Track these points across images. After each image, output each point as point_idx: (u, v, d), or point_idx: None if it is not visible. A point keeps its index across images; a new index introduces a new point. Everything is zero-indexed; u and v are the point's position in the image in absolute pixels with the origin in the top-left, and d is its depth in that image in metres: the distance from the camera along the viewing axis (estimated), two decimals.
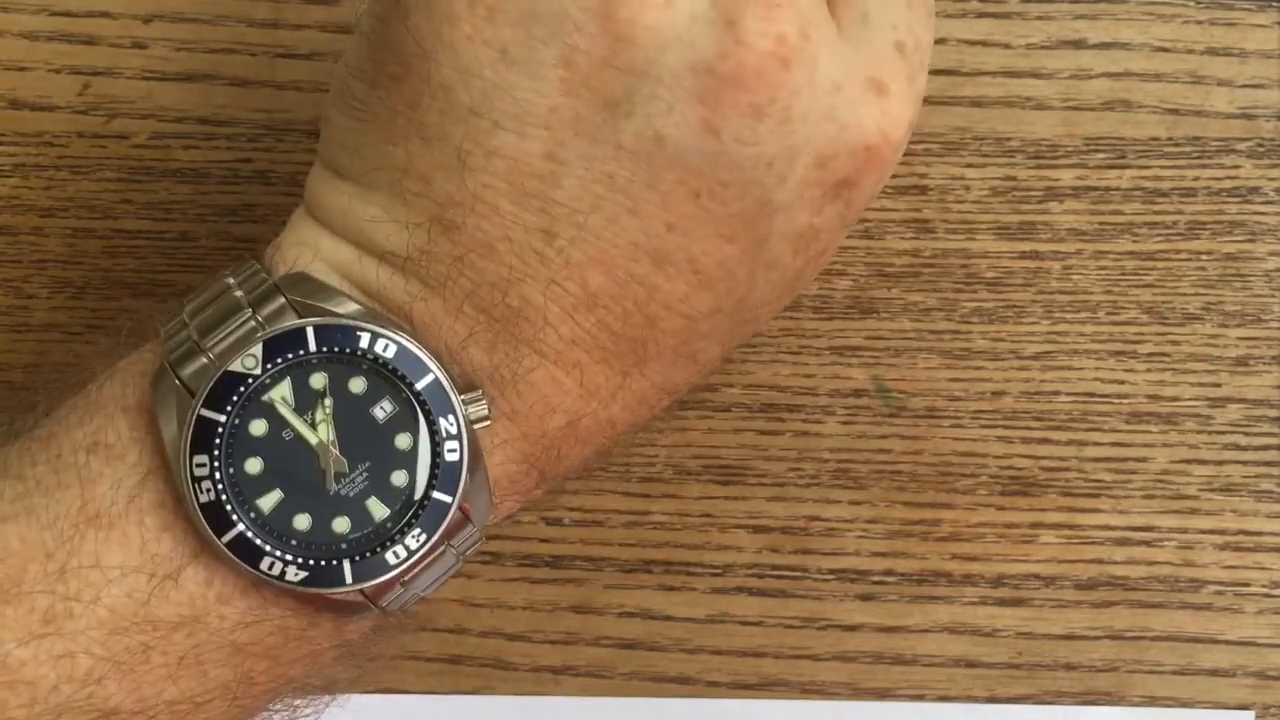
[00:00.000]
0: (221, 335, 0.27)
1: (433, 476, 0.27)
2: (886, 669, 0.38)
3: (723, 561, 0.38)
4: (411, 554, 0.27)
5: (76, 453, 0.27)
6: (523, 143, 0.27)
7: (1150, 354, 0.39)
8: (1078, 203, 0.39)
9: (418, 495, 0.27)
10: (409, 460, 0.28)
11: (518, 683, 0.38)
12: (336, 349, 0.27)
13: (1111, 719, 0.38)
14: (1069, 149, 0.39)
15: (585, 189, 0.27)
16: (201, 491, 0.27)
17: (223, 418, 0.27)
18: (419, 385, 0.27)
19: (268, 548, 0.27)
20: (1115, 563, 0.38)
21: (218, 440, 0.27)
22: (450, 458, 0.27)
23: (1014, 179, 0.39)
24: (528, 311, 0.28)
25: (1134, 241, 0.39)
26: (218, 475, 0.27)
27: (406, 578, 0.28)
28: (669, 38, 0.26)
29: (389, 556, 0.27)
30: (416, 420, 0.27)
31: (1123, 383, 0.39)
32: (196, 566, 0.27)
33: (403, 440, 0.28)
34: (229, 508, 0.27)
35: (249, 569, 0.27)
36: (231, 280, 0.28)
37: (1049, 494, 0.38)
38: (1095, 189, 0.39)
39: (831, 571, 0.38)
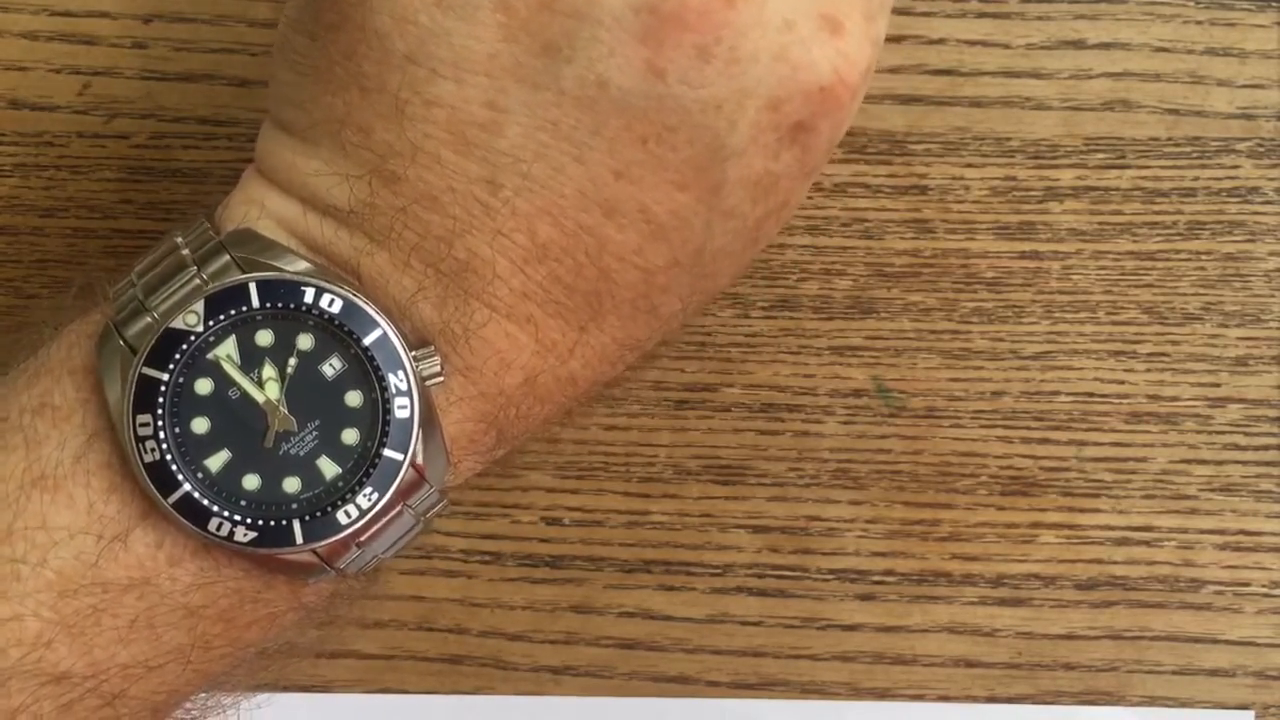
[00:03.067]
0: (166, 294, 0.27)
1: (383, 434, 0.27)
2: (886, 669, 0.38)
3: (723, 561, 0.38)
4: (364, 513, 0.27)
5: (24, 414, 0.27)
6: (462, 90, 0.26)
7: (1150, 354, 0.39)
8: (1077, 203, 0.39)
9: (369, 453, 0.27)
10: (360, 418, 0.27)
11: (517, 683, 0.38)
12: (281, 305, 0.27)
13: (1111, 719, 0.38)
14: (1069, 149, 0.39)
15: (529, 137, 0.26)
16: (146, 451, 0.26)
17: (165, 376, 0.26)
18: (366, 340, 0.27)
19: (215, 508, 0.26)
20: (1115, 563, 0.38)
21: (160, 399, 0.26)
22: (400, 415, 0.27)
23: (1014, 179, 0.39)
24: (475, 264, 0.27)
25: (1134, 241, 0.39)
26: (162, 435, 0.26)
27: (361, 538, 0.27)
28: None
29: (340, 516, 0.27)
30: (367, 377, 0.27)
31: (1122, 383, 0.39)
32: (145, 528, 0.27)
33: (352, 397, 0.27)
34: (174, 468, 0.26)
35: (196, 530, 0.26)
36: (180, 239, 0.28)
37: (1049, 494, 0.38)
38: (1095, 189, 0.39)
39: (831, 571, 0.38)
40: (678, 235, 0.27)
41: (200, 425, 0.27)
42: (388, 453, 0.27)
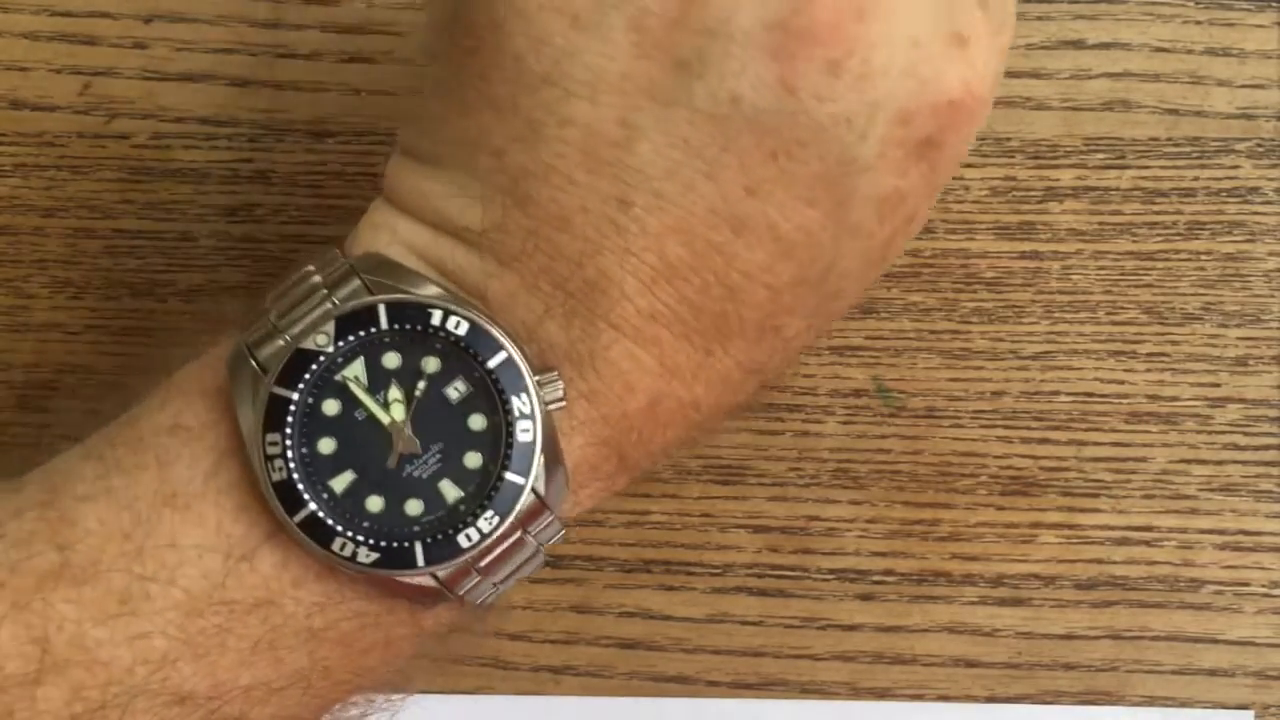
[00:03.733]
0: (297, 317, 0.27)
1: (505, 458, 0.27)
2: (886, 669, 0.38)
3: (723, 561, 0.38)
4: (484, 536, 0.27)
5: (157, 435, 0.27)
6: (596, 110, 0.26)
7: (1150, 354, 0.39)
8: (1077, 203, 0.39)
9: (492, 477, 0.27)
10: (483, 441, 0.27)
11: (517, 683, 0.38)
12: (408, 326, 0.27)
13: (1111, 719, 0.38)
14: (1069, 149, 0.39)
15: (660, 154, 0.26)
16: (274, 470, 0.26)
17: (295, 395, 0.26)
18: (491, 363, 0.27)
19: (339, 528, 0.26)
20: (1115, 562, 0.38)
21: (290, 419, 0.26)
22: (523, 438, 0.27)
23: (1014, 179, 0.39)
24: (604, 284, 0.27)
25: (1133, 241, 0.39)
26: (290, 454, 0.26)
27: (481, 563, 0.27)
28: None
29: (461, 539, 0.27)
30: (490, 400, 0.27)
31: (1122, 383, 0.39)
32: (271, 548, 0.27)
33: (476, 421, 0.27)
34: (300, 487, 0.26)
35: (320, 549, 0.26)
36: (311, 266, 0.28)
37: (1049, 494, 0.38)
38: (1095, 189, 0.39)
39: (831, 571, 0.38)
40: (805, 253, 0.27)
41: (327, 446, 0.27)
42: (509, 476, 0.27)
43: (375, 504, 0.27)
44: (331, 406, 0.27)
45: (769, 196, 0.26)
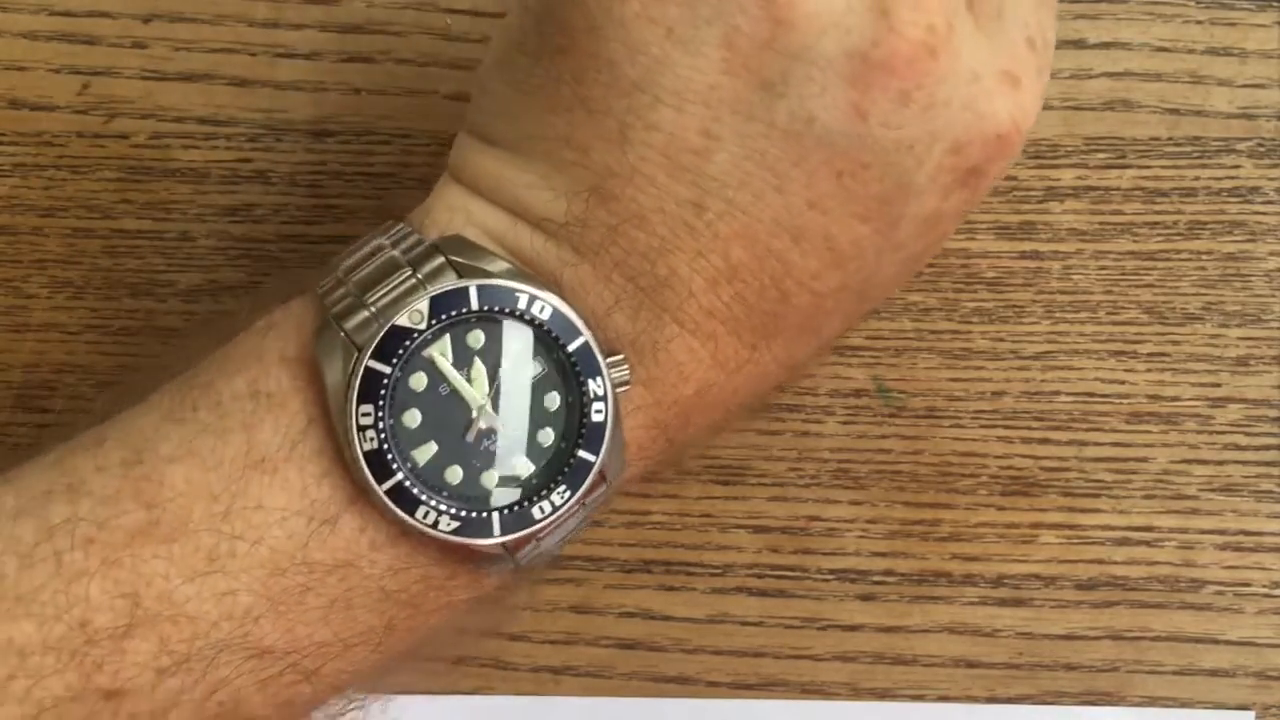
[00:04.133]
0: (383, 292, 0.28)
1: (579, 436, 0.28)
2: (887, 669, 0.38)
3: (723, 561, 0.38)
4: (556, 510, 0.28)
5: (238, 399, 0.28)
6: (681, 118, 0.28)
7: (1150, 354, 0.39)
8: (1078, 202, 0.39)
9: (564, 453, 0.28)
10: (557, 420, 0.29)
11: (518, 683, 0.38)
12: (496, 308, 0.28)
13: (1112, 719, 0.38)
14: (1069, 149, 0.39)
15: (736, 165, 0.28)
16: (365, 440, 0.27)
17: (388, 370, 0.28)
18: (570, 347, 0.28)
19: (424, 497, 0.28)
20: (1115, 563, 0.38)
21: (383, 391, 0.28)
22: (596, 419, 0.28)
23: (1014, 179, 0.39)
24: (673, 282, 0.29)
25: (1134, 241, 0.39)
26: (381, 425, 0.28)
27: (544, 533, 0.29)
28: (826, 24, 0.27)
29: (535, 511, 0.28)
30: (566, 381, 0.29)
31: (1123, 383, 0.39)
32: (352, 513, 0.28)
33: (551, 400, 0.29)
34: (390, 457, 0.28)
35: (405, 517, 0.28)
36: (384, 241, 0.29)
37: (1049, 494, 0.38)
38: (1095, 189, 0.39)
39: (831, 571, 0.38)
40: (853, 264, 0.29)
41: (412, 419, 0.28)
42: (581, 454, 0.28)
43: (454, 475, 0.28)
44: (419, 381, 0.28)
45: (829, 211, 0.28)
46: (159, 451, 0.28)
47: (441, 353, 0.28)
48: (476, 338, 0.28)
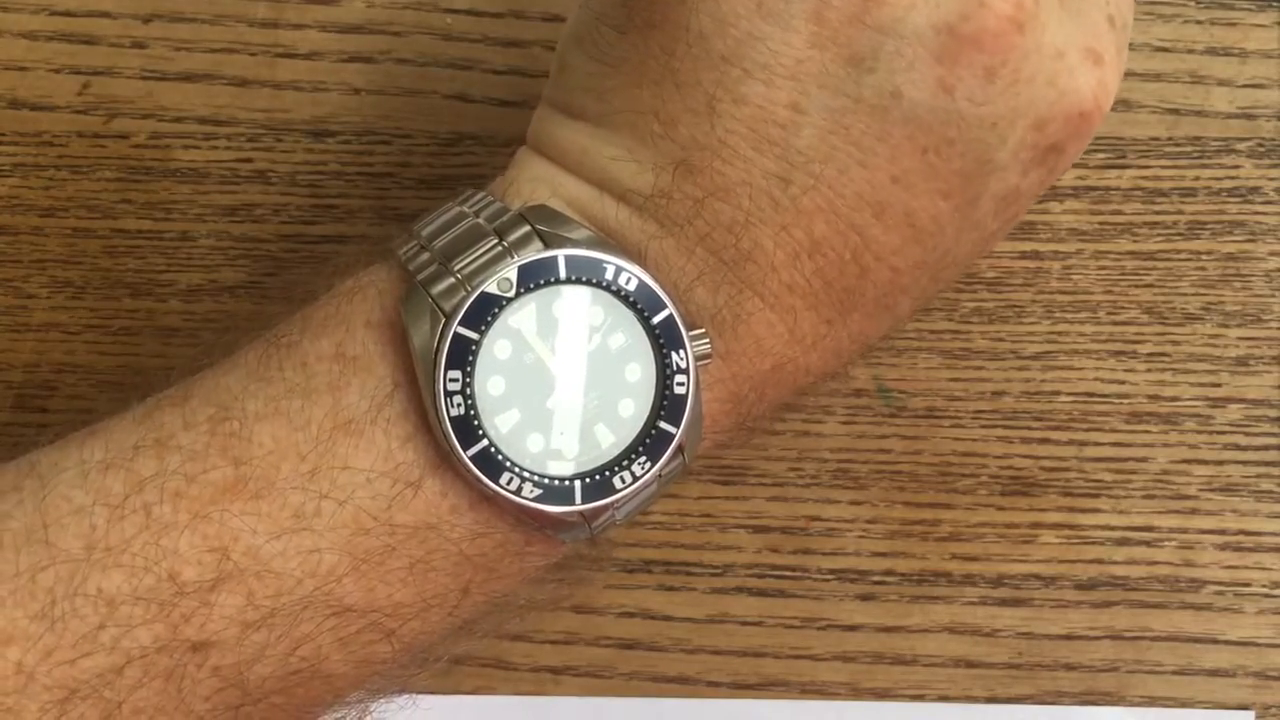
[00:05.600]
0: (470, 259, 0.28)
1: (660, 408, 0.28)
2: (886, 669, 0.38)
3: (723, 561, 0.38)
4: (636, 479, 0.28)
5: (322, 361, 0.29)
6: (770, 91, 0.28)
7: (1150, 354, 0.39)
8: (1078, 202, 0.39)
9: (645, 425, 0.28)
10: (637, 391, 0.29)
11: (518, 683, 0.38)
12: (583, 278, 0.28)
13: (1112, 719, 0.38)
14: None
15: (822, 139, 0.28)
16: (452, 405, 0.28)
17: (476, 336, 0.28)
18: (655, 319, 0.28)
19: (507, 464, 0.28)
20: (1115, 563, 0.38)
21: (471, 357, 0.28)
22: (679, 391, 0.28)
23: None
24: (757, 255, 0.29)
25: (1134, 241, 0.39)
26: (468, 391, 0.28)
27: (621, 503, 0.29)
28: None
29: (616, 481, 0.28)
30: (648, 353, 0.29)
31: (1123, 383, 0.39)
32: (435, 477, 0.28)
33: (633, 371, 0.29)
34: (475, 423, 0.28)
35: (489, 483, 0.28)
36: (466, 209, 0.29)
37: (1049, 494, 0.38)
38: (1095, 189, 0.39)
39: (831, 571, 0.38)
40: (932, 240, 0.29)
41: (496, 386, 0.28)
42: (663, 425, 0.28)
43: (536, 443, 0.28)
44: (504, 349, 0.28)
45: (912, 187, 0.28)
46: (246, 409, 0.28)
47: (527, 321, 0.28)
48: (562, 307, 0.28)
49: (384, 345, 0.29)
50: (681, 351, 0.28)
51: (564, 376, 0.28)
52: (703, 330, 0.29)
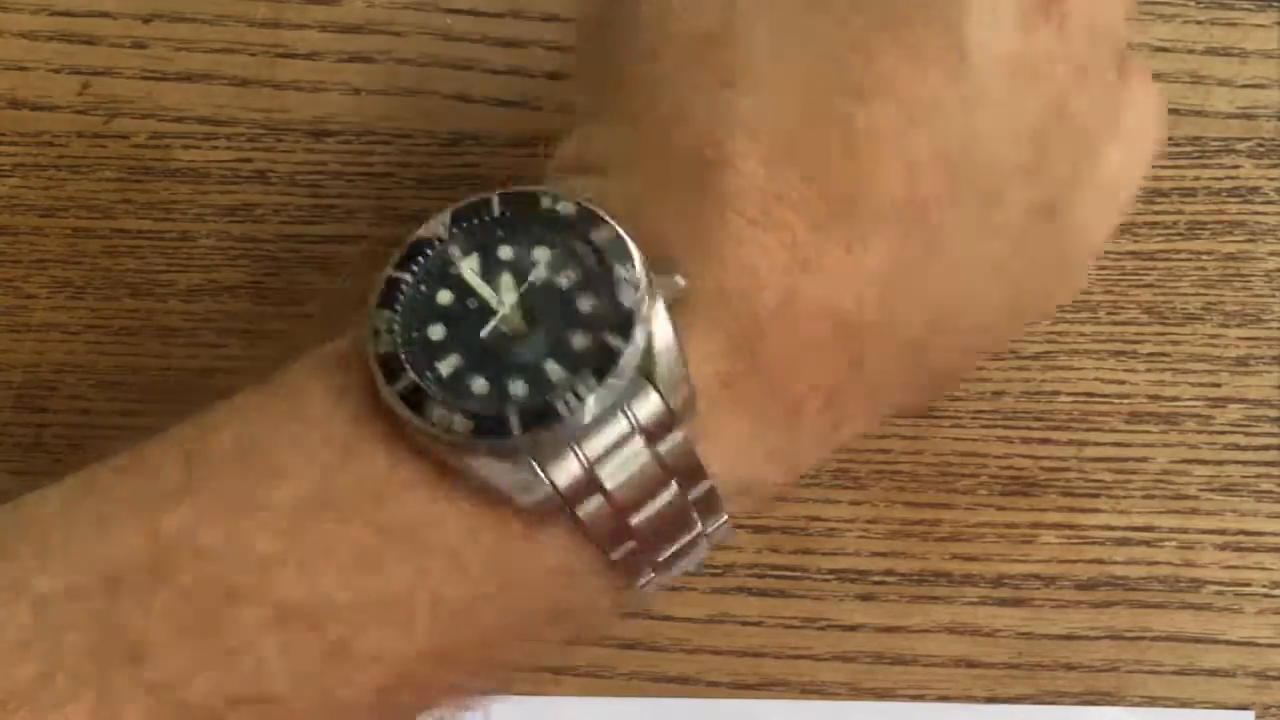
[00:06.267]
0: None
1: (609, 327, 0.26)
2: (886, 669, 0.38)
3: (723, 561, 0.38)
4: (581, 399, 0.25)
5: (295, 374, 0.27)
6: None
7: (1150, 354, 0.39)
8: None
9: (596, 350, 0.26)
10: (590, 322, 0.26)
11: (517, 683, 0.38)
12: (516, 210, 0.27)
13: (1112, 719, 0.38)
14: None
15: (775, 38, 0.26)
16: (380, 343, 0.26)
17: (408, 276, 0.27)
18: (596, 239, 0.26)
19: (439, 397, 0.26)
20: (1115, 563, 0.38)
21: (400, 297, 0.27)
22: (624, 302, 0.25)
23: None
24: (720, 165, 0.26)
25: (1134, 241, 0.39)
26: (397, 329, 0.26)
27: (592, 458, 0.25)
28: None
29: (559, 405, 0.25)
30: (600, 284, 0.26)
31: (1123, 383, 0.39)
32: (384, 451, 0.26)
33: (584, 303, 0.26)
34: (403, 356, 0.26)
35: (414, 418, 0.25)
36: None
37: (1049, 494, 0.38)
38: None
39: (831, 571, 0.38)
40: (935, 121, 0.26)
41: (436, 332, 0.27)
42: (609, 339, 0.25)
43: (479, 385, 0.26)
44: (445, 296, 0.27)
45: (878, 56, 0.26)
46: (208, 421, 0.27)
47: (470, 267, 0.27)
48: (506, 251, 0.27)
49: (347, 340, 0.27)
50: (629, 264, 0.25)
51: (503, 314, 0.26)
52: (671, 261, 0.26)
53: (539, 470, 0.25)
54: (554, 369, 0.26)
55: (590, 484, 0.25)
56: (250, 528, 0.25)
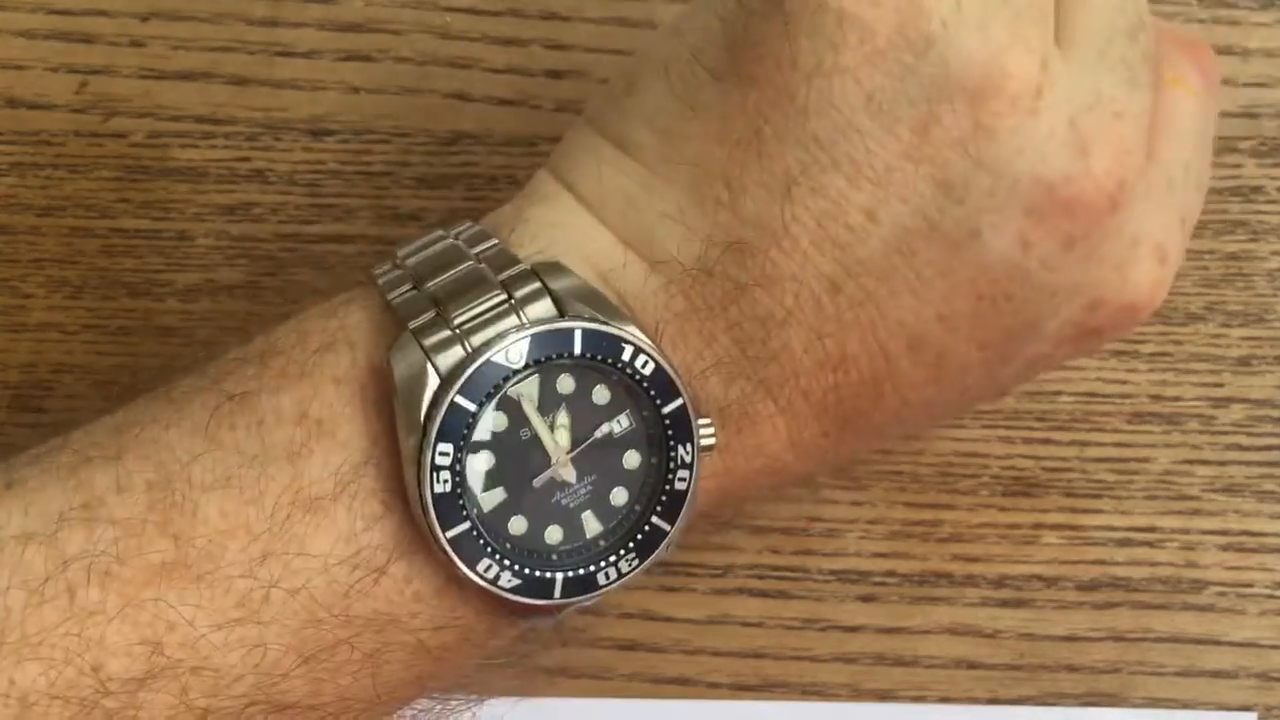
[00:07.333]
0: (470, 310, 0.26)
1: (658, 502, 0.26)
2: (888, 670, 0.38)
3: (723, 562, 0.38)
4: (621, 576, 0.27)
5: (283, 423, 0.26)
6: (850, 190, 0.26)
7: (1152, 354, 0.39)
8: None
9: (638, 518, 0.26)
10: (633, 480, 0.26)
11: (517, 684, 0.38)
12: (599, 358, 0.25)
13: None
14: None
15: (886, 256, 0.26)
16: (438, 482, 0.25)
17: (474, 407, 0.25)
18: (667, 409, 0.26)
19: (489, 549, 0.25)
20: (1117, 563, 0.38)
21: (466, 430, 0.25)
22: (680, 486, 0.26)
23: None
24: (783, 357, 0.27)
25: None
26: (458, 467, 0.25)
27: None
28: (1026, 144, 0.26)
29: (600, 577, 0.26)
30: (652, 442, 0.26)
31: (1125, 383, 0.39)
32: (401, 563, 0.26)
33: (631, 459, 0.26)
34: (461, 502, 0.25)
35: (466, 570, 0.25)
36: (460, 244, 0.27)
37: (1051, 494, 0.38)
38: None
39: (832, 572, 0.38)
40: (951, 385, 0.28)
41: (484, 461, 0.25)
42: (656, 521, 0.26)
43: (518, 526, 0.26)
44: (498, 421, 0.25)
45: (955, 330, 0.27)
46: (191, 476, 0.25)
47: (529, 395, 0.25)
48: (566, 383, 0.26)
49: (354, 408, 0.26)
50: (689, 445, 0.26)
51: (559, 457, 0.26)
52: (709, 420, 0.27)
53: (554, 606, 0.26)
54: (592, 523, 0.26)
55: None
56: (262, 637, 0.25)
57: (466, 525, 0.25)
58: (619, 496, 0.26)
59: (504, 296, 0.26)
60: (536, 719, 0.38)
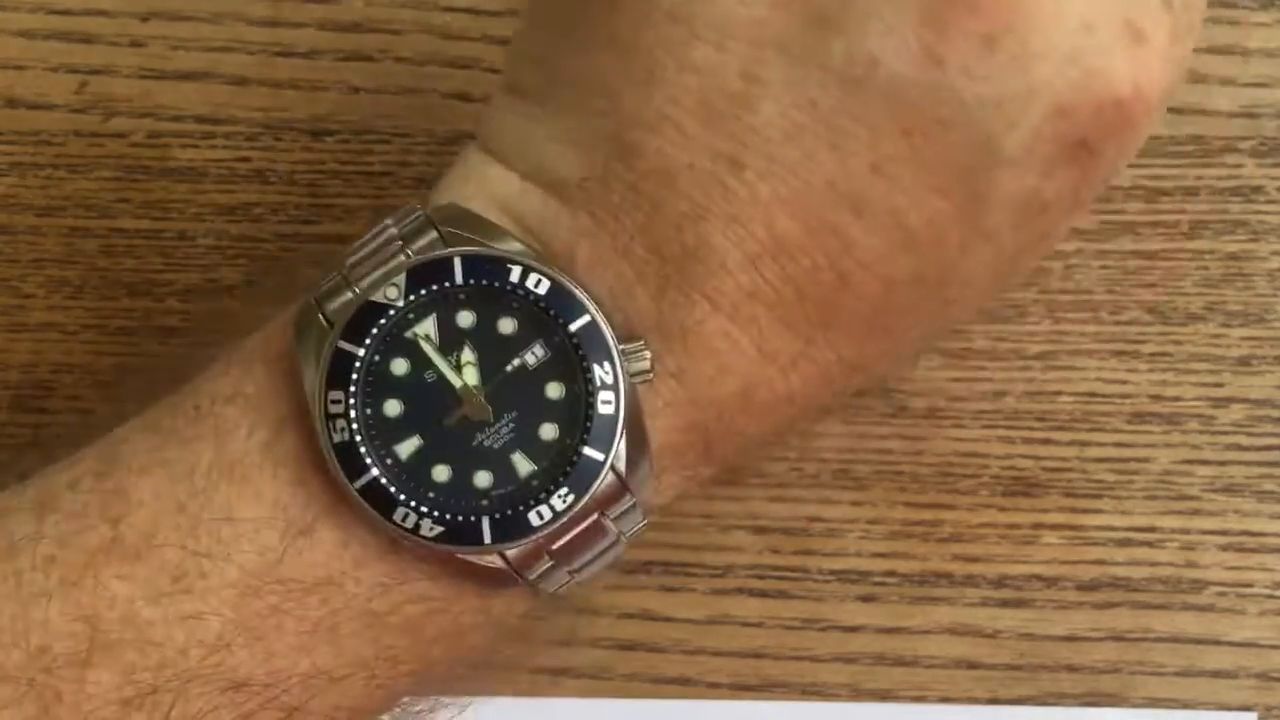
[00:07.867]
0: (369, 269, 0.25)
1: (584, 431, 0.25)
2: (888, 670, 0.38)
3: (723, 562, 0.38)
4: (557, 515, 0.25)
5: (215, 404, 0.26)
6: (720, 56, 0.24)
7: (1153, 354, 0.39)
8: None
9: (568, 451, 0.25)
10: (560, 412, 0.25)
11: (516, 683, 0.38)
12: (484, 282, 0.25)
13: None
14: None
15: (783, 115, 0.24)
16: (335, 431, 0.24)
17: (361, 351, 0.24)
18: (572, 327, 0.25)
19: (402, 497, 0.24)
20: (1117, 564, 0.38)
21: (355, 375, 0.24)
22: (604, 410, 0.25)
23: None
24: (704, 253, 0.24)
25: (1136, 241, 0.39)
26: (353, 414, 0.24)
27: (554, 545, 0.25)
28: None
29: (532, 517, 0.25)
30: (571, 367, 0.25)
31: (1125, 383, 0.39)
32: (331, 524, 0.25)
33: (553, 389, 0.25)
34: (363, 450, 0.24)
35: (381, 519, 0.24)
36: (390, 220, 0.26)
37: (1051, 494, 0.38)
38: None
39: (832, 572, 0.38)
40: (930, 249, 0.25)
41: (393, 408, 0.25)
42: (587, 451, 0.25)
43: (442, 473, 0.25)
44: (400, 366, 0.25)
45: (896, 178, 0.24)
46: (130, 463, 0.25)
47: (426, 334, 0.25)
48: (466, 317, 0.25)
49: (277, 379, 0.25)
50: (606, 365, 0.24)
51: (472, 397, 0.25)
52: (641, 342, 0.25)
53: (504, 560, 0.25)
54: (523, 462, 0.25)
55: (545, 556, 0.26)
56: (198, 607, 0.25)
57: (375, 474, 0.24)
58: (547, 432, 0.25)
59: (401, 247, 0.25)
60: (536, 719, 0.38)
